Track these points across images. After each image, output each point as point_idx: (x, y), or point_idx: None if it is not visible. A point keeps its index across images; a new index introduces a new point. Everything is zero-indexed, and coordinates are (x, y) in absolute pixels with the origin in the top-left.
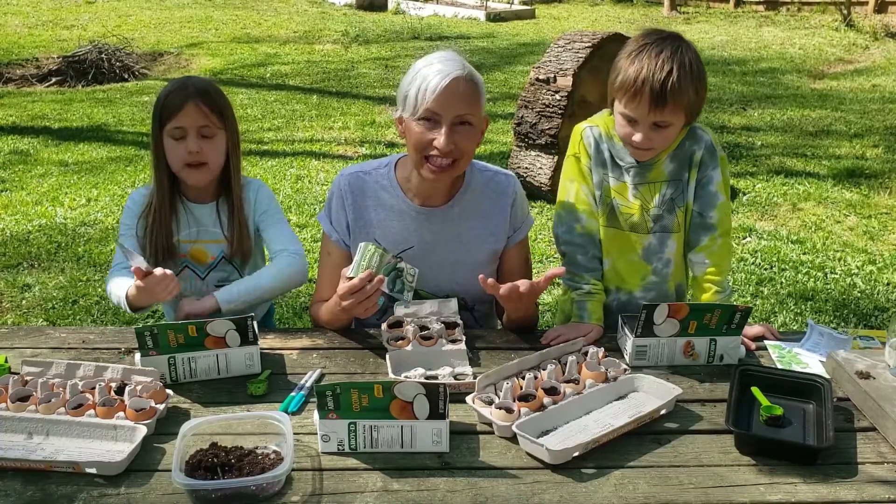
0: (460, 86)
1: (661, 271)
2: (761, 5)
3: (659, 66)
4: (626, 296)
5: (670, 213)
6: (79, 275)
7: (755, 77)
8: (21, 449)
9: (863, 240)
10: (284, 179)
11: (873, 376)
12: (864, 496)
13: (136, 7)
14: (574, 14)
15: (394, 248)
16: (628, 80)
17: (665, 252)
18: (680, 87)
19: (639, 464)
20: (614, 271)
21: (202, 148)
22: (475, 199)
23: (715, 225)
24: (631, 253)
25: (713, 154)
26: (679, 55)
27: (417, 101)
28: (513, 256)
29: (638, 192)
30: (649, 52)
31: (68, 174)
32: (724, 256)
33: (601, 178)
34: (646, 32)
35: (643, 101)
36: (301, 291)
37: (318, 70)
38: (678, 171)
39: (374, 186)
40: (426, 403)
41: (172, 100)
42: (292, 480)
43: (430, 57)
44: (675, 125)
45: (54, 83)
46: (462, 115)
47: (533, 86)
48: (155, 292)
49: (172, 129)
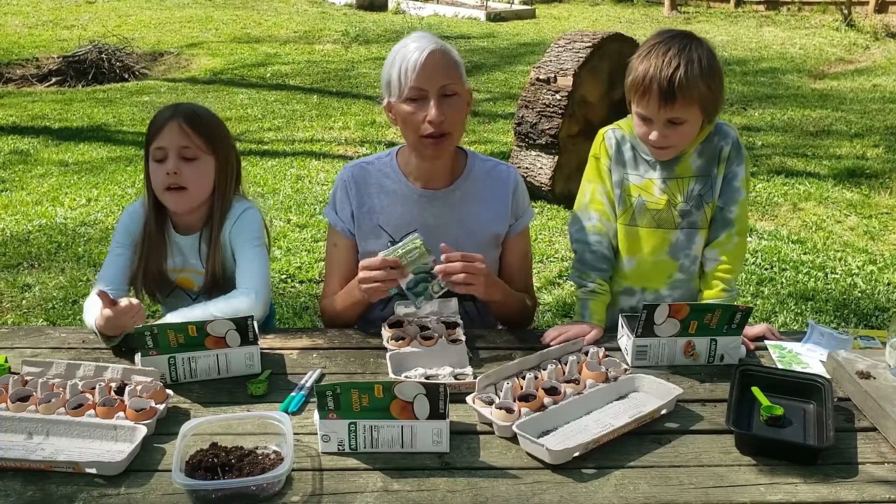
0: (437, 58)
1: (689, 268)
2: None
3: (666, 62)
4: (653, 294)
5: (699, 208)
6: (79, 275)
7: (756, 77)
8: (21, 449)
9: (863, 240)
10: (284, 179)
11: (874, 376)
12: (865, 496)
13: (136, 7)
14: (574, 14)
15: (397, 233)
16: (637, 78)
17: (693, 248)
18: (688, 83)
19: (639, 464)
20: (640, 271)
21: (181, 170)
22: (476, 185)
23: (734, 221)
24: (658, 251)
25: (739, 150)
26: (687, 52)
27: (401, 81)
28: (513, 247)
29: (666, 186)
30: (657, 51)
31: (68, 174)
32: (737, 256)
33: (621, 177)
34: (657, 32)
35: (652, 98)
36: (301, 291)
37: (319, 70)
38: (707, 166)
39: (376, 175)
40: (426, 403)
41: (157, 119)
42: (292, 480)
43: (404, 40)
44: (691, 122)
45: (54, 83)
46: (445, 84)
47: (533, 86)
48: (122, 321)
49: (154, 149)
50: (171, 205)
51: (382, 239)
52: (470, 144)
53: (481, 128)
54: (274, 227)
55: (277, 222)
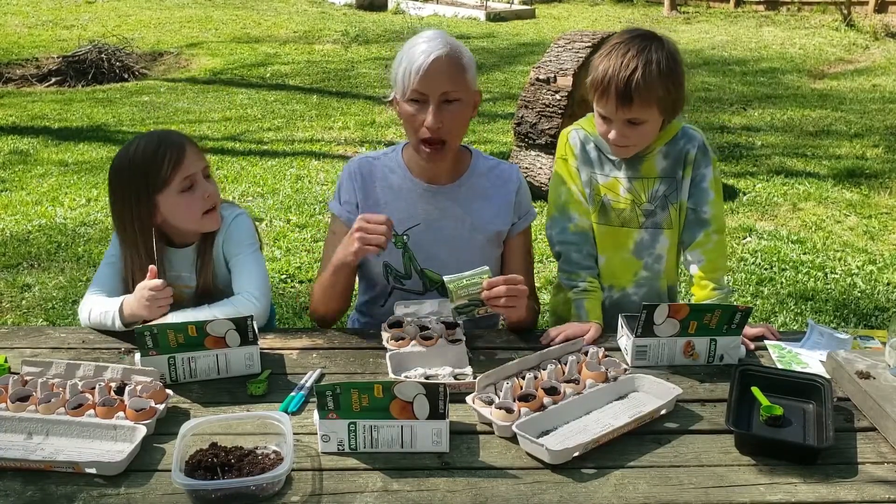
0: (442, 63)
1: (653, 267)
2: (761, 5)
3: (624, 64)
4: (619, 293)
5: (663, 209)
6: (79, 275)
7: (755, 77)
8: (21, 449)
9: (863, 240)
10: (284, 179)
11: (873, 376)
12: (864, 496)
13: (135, 7)
14: (574, 14)
15: (400, 227)
16: (597, 78)
17: (657, 247)
18: (645, 85)
19: (639, 464)
20: (608, 268)
21: (212, 190)
22: (480, 182)
23: (709, 220)
24: (623, 249)
25: (706, 153)
26: (646, 53)
27: (405, 82)
28: (515, 246)
29: (631, 185)
30: (617, 51)
31: (68, 174)
32: (719, 253)
33: (589, 177)
34: (621, 31)
35: (610, 99)
36: (301, 291)
37: (318, 70)
38: (672, 168)
39: (382, 170)
40: (426, 403)
41: (168, 153)
42: (292, 480)
43: (415, 37)
44: (650, 122)
45: (54, 83)
46: (447, 92)
47: (533, 86)
48: (159, 302)
49: (182, 180)
50: (210, 226)
51: None
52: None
53: (481, 128)
54: (274, 227)
55: (277, 222)
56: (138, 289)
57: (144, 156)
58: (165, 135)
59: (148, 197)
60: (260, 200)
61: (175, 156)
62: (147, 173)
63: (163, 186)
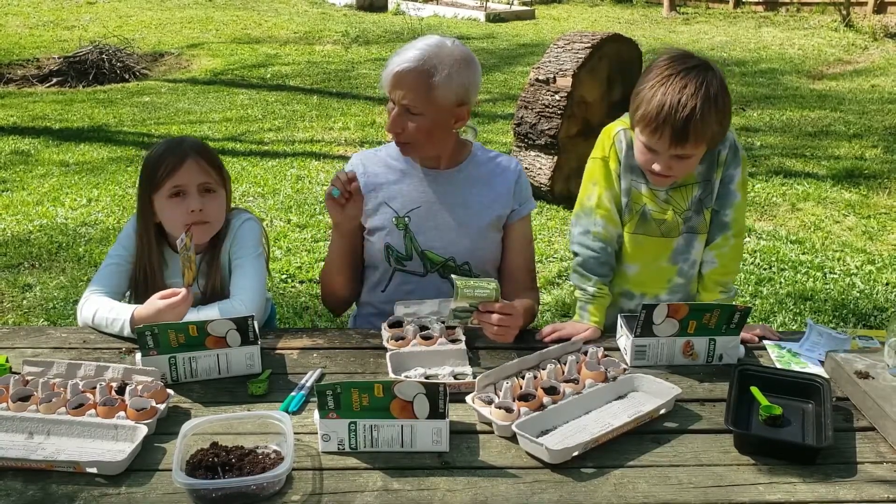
0: (404, 76)
1: (687, 273)
2: (760, 6)
3: (682, 103)
4: (652, 299)
5: (698, 213)
6: (80, 275)
7: (754, 77)
8: (22, 449)
9: (862, 240)
10: (285, 180)
11: (872, 376)
12: (864, 496)
13: (136, 7)
14: (574, 14)
15: (401, 209)
16: (650, 114)
17: (692, 253)
18: (703, 124)
19: (638, 463)
20: (640, 277)
21: (204, 206)
22: (480, 170)
23: (730, 224)
24: (660, 258)
25: (736, 153)
26: (704, 90)
27: (382, 84)
28: (515, 232)
29: (669, 196)
30: (673, 85)
31: (69, 174)
32: (733, 258)
33: (629, 185)
34: (671, 58)
35: (664, 137)
36: (301, 291)
37: (319, 71)
38: (707, 171)
39: (385, 159)
40: (426, 403)
41: (168, 159)
42: (292, 480)
43: (411, 42)
44: (697, 155)
45: (55, 83)
46: (406, 104)
47: (532, 86)
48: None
49: (171, 187)
50: (195, 239)
51: (387, 215)
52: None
53: (481, 128)
54: (274, 228)
55: (277, 222)
56: (152, 299)
57: (153, 155)
58: (178, 142)
59: (147, 194)
60: (260, 200)
61: (172, 163)
62: (149, 172)
63: (156, 188)
